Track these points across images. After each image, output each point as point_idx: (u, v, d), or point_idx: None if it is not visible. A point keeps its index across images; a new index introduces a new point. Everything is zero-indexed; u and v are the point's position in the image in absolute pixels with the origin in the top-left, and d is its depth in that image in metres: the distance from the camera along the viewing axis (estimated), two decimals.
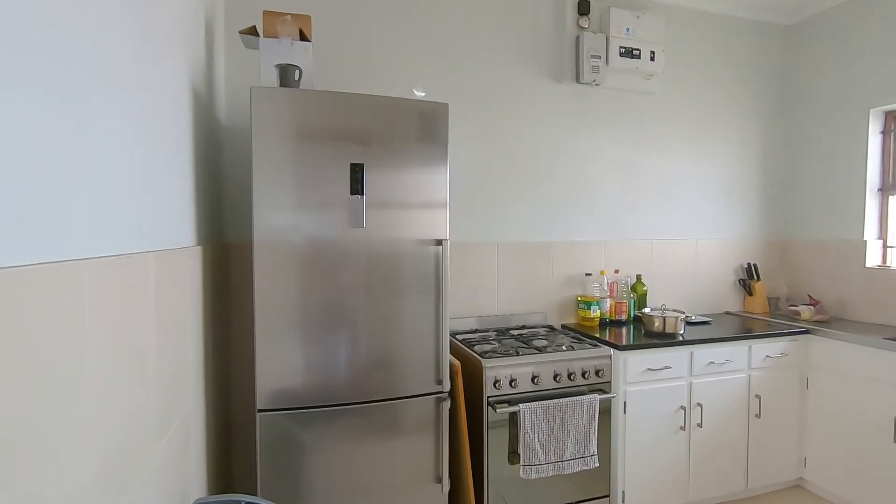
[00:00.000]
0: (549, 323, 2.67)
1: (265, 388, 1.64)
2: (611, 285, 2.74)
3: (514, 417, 1.94)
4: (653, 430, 2.27)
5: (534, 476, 1.91)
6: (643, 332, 2.49)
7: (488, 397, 1.92)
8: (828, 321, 2.74)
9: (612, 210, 2.82)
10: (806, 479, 2.59)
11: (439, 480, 1.84)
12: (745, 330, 2.54)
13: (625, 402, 2.20)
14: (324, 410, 1.69)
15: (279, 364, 1.65)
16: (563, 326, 2.67)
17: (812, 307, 2.81)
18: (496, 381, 1.92)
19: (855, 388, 2.35)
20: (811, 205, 3.04)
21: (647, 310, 2.56)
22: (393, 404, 1.78)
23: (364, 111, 1.70)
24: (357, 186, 1.72)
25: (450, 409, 1.87)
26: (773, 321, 2.78)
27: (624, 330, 2.56)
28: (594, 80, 2.65)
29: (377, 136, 1.73)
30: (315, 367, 1.68)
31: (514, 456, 1.95)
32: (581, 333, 2.47)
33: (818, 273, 2.99)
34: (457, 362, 1.94)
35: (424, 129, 1.79)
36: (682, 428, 2.33)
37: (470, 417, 2.00)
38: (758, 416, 2.47)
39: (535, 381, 1.97)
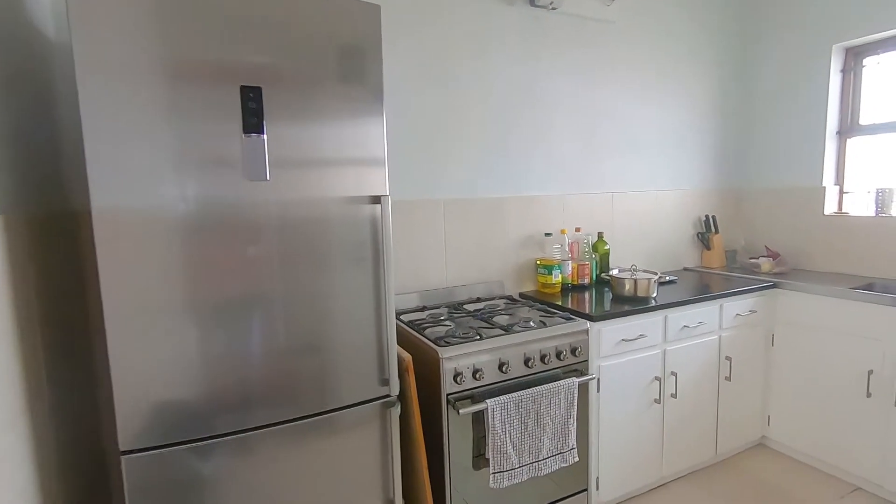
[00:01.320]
0: (506, 293, 2.30)
1: (130, 418, 1.11)
2: (571, 245, 2.41)
3: (479, 415, 1.56)
4: (627, 408, 2.00)
5: (506, 484, 1.56)
6: (611, 296, 2.19)
7: (448, 395, 1.52)
8: (787, 273, 2.62)
9: (572, 159, 2.46)
10: (769, 438, 2.50)
11: (390, 503, 1.43)
12: (707, 287, 2.32)
13: (598, 380, 1.90)
14: (224, 441, 1.20)
15: (151, 379, 1.12)
16: (522, 295, 2.31)
17: (770, 259, 2.67)
18: (457, 375, 1.52)
19: (822, 343, 2.22)
20: (769, 151, 2.87)
21: (614, 271, 2.26)
22: (325, 419, 1.32)
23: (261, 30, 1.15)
24: (253, 122, 1.18)
25: (401, 415, 1.45)
26: (733, 276, 2.61)
27: (587, 295, 2.25)
28: (551, 2, 2.21)
29: (284, 69, 1.19)
30: (208, 379, 1.18)
31: (479, 460, 1.59)
32: (546, 303, 2.12)
33: (776, 223, 2.86)
34: (407, 355, 1.51)
35: (350, 62, 1.27)
36: (657, 401, 2.09)
37: (426, 420, 1.60)
38: (728, 378, 2.30)
39: (504, 368, 1.59)
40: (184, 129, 1.11)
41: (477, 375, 1.54)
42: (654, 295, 2.13)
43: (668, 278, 2.36)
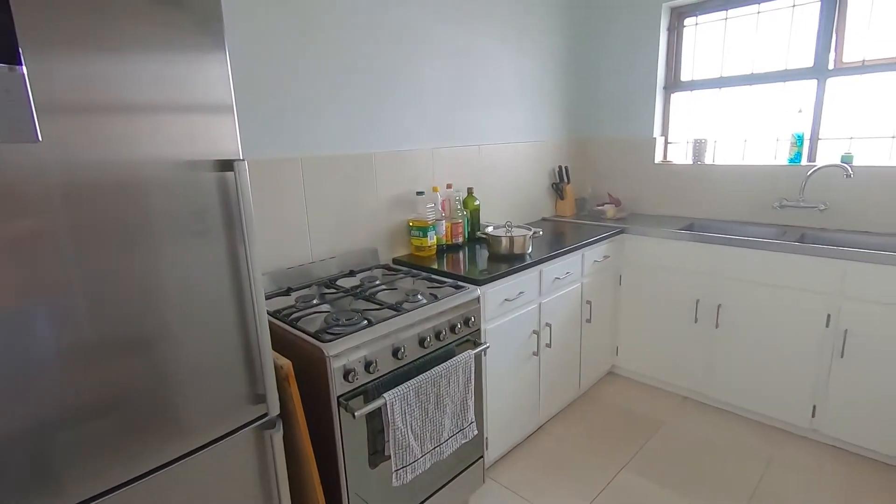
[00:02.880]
0: (381, 261, 2.07)
1: None
2: (443, 203, 2.26)
3: (376, 410, 1.35)
4: (509, 366, 2.00)
5: (410, 477, 1.41)
6: (487, 255, 2.13)
7: (339, 397, 1.27)
8: (627, 217, 2.88)
9: (440, 110, 2.26)
10: (617, 366, 2.81)
11: None
12: (569, 237, 2.42)
13: (484, 336, 1.84)
14: None
15: None
16: (397, 261, 2.11)
17: (613, 205, 2.91)
18: (348, 372, 1.28)
19: (659, 278, 2.50)
20: (611, 104, 3.06)
21: (489, 229, 2.19)
22: (173, 472, 0.98)
23: None
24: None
25: (284, 434, 1.17)
26: (584, 223, 2.78)
27: (463, 256, 2.16)
28: None
29: None
30: None
31: (376, 457, 1.41)
32: (425, 269, 1.96)
33: (616, 171, 3.10)
34: (286, 361, 1.21)
35: None
36: (535, 353, 2.14)
37: (312, 427, 1.33)
38: (589, 321, 2.47)
39: (399, 354, 1.40)
40: None
41: (371, 368, 1.32)
42: (530, 251, 2.12)
43: (540, 232, 2.39)
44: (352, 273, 1.86)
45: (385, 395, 1.33)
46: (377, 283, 1.75)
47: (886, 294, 1.87)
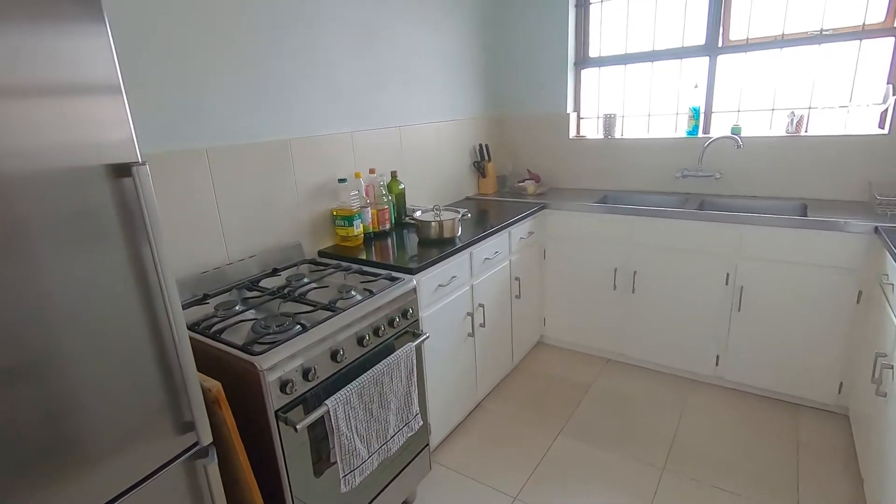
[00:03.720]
0: (306, 256, 1.95)
1: None
2: (367, 189, 2.17)
3: (319, 420, 1.28)
4: (447, 351, 2.00)
5: (359, 480, 1.37)
6: (417, 241, 2.09)
7: (277, 411, 1.19)
8: (547, 192, 2.97)
9: (356, 91, 2.14)
10: (546, 336, 2.93)
11: None
12: (494, 216, 2.45)
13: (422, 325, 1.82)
14: None
15: None
16: (322, 254, 2.00)
17: (533, 181, 2.98)
18: (285, 384, 1.19)
19: (579, 250, 2.62)
20: (526, 81, 3.09)
21: (417, 213, 2.14)
22: None
23: None
24: None
25: (220, 463, 1.07)
26: (506, 200, 2.83)
27: (391, 243, 2.10)
28: None
29: None
30: None
31: (322, 464, 1.34)
32: (355, 261, 1.88)
33: (534, 147, 3.17)
34: (215, 383, 1.09)
35: None
36: (470, 334, 2.15)
37: (250, 445, 1.23)
38: (518, 297, 2.54)
39: (338, 357, 1.33)
40: None
41: (309, 376, 1.24)
42: (459, 234, 2.11)
43: (468, 214, 2.37)
44: (275, 272, 1.73)
45: (327, 402, 1.26)
46: (305, 280, 1.64)
47: (773, 252, 2.10)
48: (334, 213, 2.04)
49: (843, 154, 2.29)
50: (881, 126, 2.27)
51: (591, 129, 3.09)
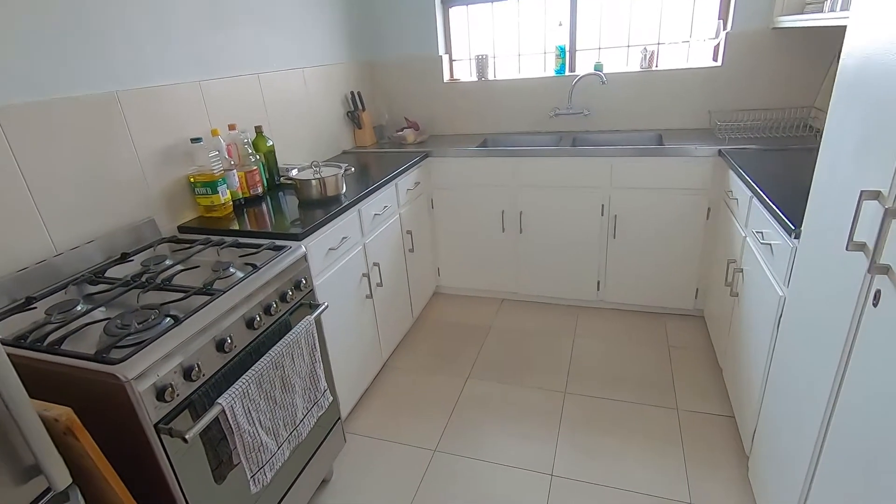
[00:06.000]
0: (164, 233, 1.64)
1: None
2: (229, 149, 1.87)
3: (213, 421, 1.10)
4: (346, 315, 1.88)
5: (270, 476, 1.23)
6: (298, 203, 1.88)
7: (157, 424, 0.98)
8: (427, 140, 2.87)
9: (199, 29, 1.78)
10: (441, 286, 2.93)
11: None
12: (376, 168, 2.31)
13: (326, 305, 1.67)
14: None
15: None
16: (184, 229, 1.71)
17: (412, 129, 2.86)
18: (163, 391, 0.98)
19: (466, 196, 2.61)
20: (392, 21, 2.87)
21: (293, 172, 1.91)
22: None
23: None
24: None
25: (91, 499, 0.85)
26: (387, 152, 2.69)
27: (266, 208, 1.87)
28: None
29: None
30: None
31: (224, 468, 1.18)
32: (227, 233, 1.63)
33: (409, 94, 3.02)
34: (63, 411, 0.85)
35: None
36: (368, 296, 2.05)
37: (130, 469, 1.01)
38: (411, 250, 2.47)
39: (226, 346, 1.13)
40: None
41: (192, 375, 1.05)
42: (344, 191, 1.94)
43: (352, 169, 2.17)
44: (125, 257, 1.42)
45: (220, 400, 1.08)
46: (168, 263, 1.37)
47: (639, 180, 2.28)
48: (192, 179, 1.73)
49: (687, 86, 2.53)
50: (715, 59, 2.54)
51: (465, 72, 3.02)
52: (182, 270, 1.33)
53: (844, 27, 1.08)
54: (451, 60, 2.99)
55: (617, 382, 2.08)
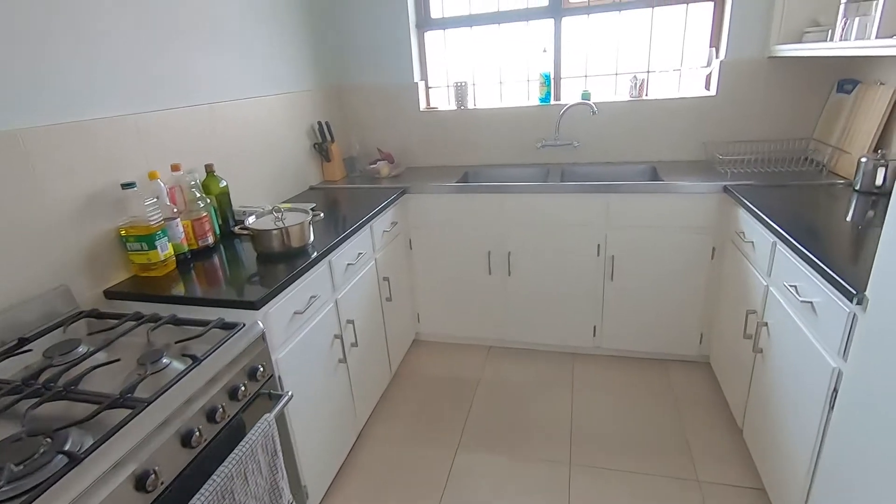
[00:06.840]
0: (82, 304, 1.31)
1: None
2: (171, 193, 1.57)
3: None
4: (315, 389, 1.58)
5: None
6: (256, 255, 1.59)
7: None
8: (402, 173, 2.63)
9: (138, 53, 1.49)
10: (421, 333, 2.65)
11: None
12: (348, 208, 2.05)
13: (280, 379, 1.37)
14: None
15: None
16: (111, 294, 1.39)
17: (386, 161, 2.61)
18: None
19: (448, 236, 2.36)
20: (363, 44, 2.64)
21: (251, 219, 1.62)
22: None
23: None
24: None
25: None
26: (359, 187, 2.43)
27: (218, 263, 1.57)
28: None
29: None
30: None
31: None
32: (166, 299, 1.32)
33: (382, 123, 2.78)
34: None
35: None
36: (342, 360, 1.75)
37: None
38: (389, 299, 2.19)
39: (148, 484, 0.83)
40: None
41: None
42: (311, 240, 1.66)
43: (321, 215, 1.86)
44: (22, 344, 1.09)
45: None
46: (80, 351, 1.06)
47: (637, 218, 2.09)
48: (123, 233, 1.42)
49: (680, 116, 2.38)
50: (707, 88, 2.41)
51: (443, 100, 2.81)
52: (97, 366, 1.01)
53: (845, 56, 0.90)
54: (427, 87, 2.78)
55: (627, 449, 1.84)
